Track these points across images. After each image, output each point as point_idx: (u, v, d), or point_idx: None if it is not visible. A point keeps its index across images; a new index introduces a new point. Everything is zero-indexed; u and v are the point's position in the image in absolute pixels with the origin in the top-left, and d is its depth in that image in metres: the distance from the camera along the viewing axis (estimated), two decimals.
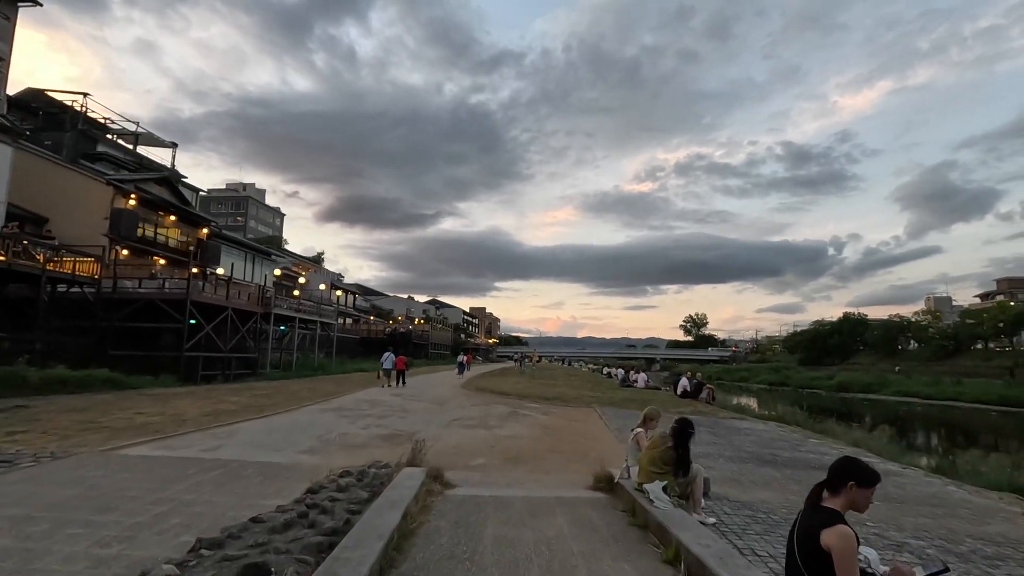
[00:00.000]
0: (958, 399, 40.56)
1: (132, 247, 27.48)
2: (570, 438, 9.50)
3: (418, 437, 9.08)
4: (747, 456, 8.40)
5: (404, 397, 16.38)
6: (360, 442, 8.50)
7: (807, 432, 13.02)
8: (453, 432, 9.82)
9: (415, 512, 4.37)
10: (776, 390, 56.67)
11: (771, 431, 12.29)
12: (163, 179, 32.69)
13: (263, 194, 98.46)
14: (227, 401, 13.23)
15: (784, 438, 11.15)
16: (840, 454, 9.52)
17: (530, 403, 15.25)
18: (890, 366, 66.19)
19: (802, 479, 6.93)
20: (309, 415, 11.65)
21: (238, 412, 11.35)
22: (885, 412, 34.56)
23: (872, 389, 49.27)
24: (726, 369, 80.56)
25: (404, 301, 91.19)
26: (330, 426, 10.02)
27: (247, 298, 25.53)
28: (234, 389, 17.50)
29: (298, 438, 8.59)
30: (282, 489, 5.39)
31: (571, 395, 17.61)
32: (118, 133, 39.85)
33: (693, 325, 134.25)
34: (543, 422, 11.63)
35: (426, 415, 12.32)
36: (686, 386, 17.71)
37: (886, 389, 48.06)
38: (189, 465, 6.29)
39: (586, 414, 13.00)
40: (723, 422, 13.13)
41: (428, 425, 10.59)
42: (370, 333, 55.44)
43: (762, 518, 4.93)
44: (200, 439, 8.14)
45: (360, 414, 11.97)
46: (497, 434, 9.70)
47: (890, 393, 46.64)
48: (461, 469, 6.63)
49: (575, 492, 5.62)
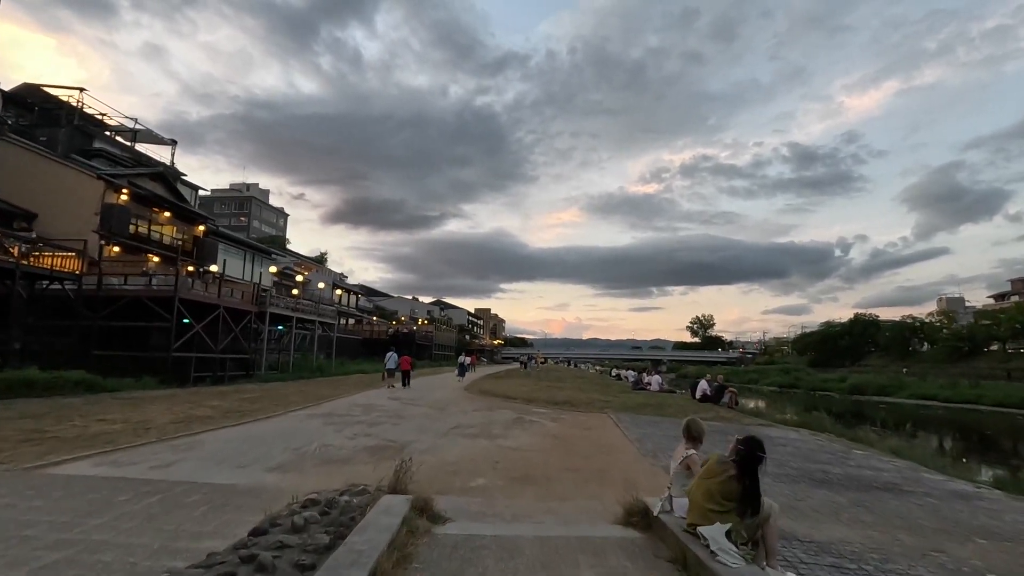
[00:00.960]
0: (977, 402, 39.24)
1: (124, 244, 26.48)
2: (585, 451, 8.29)
3: (411, 450, 7.92)
4: (795, 473, 7.17)
5: (402, 401, 15.22)
6: (342, 456, 7.32)
7: (843, 441, 11.77)
8: (451, 443, 8.63)
9: (387, 569, 3.19)
10: (787, 392, 55.24)
11: (806, 440, 11.04)
12: (157, 174, 31.70)
13: (267, 195, 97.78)
14: (206, 406, 12.10)
15: (825, 449, 9.90)
16: (894, 468, 8.29)
17: (537, 408, 14.05)
18: (902, 368, 64.70)
19: (872, 506, 5.70)
20: (293, 422, 10.50)
21: (214, 418, 10.22)
22: (906, 416, 33.13)
23: (887, 392, 47.88)
24: (735, 371, 79.04)
25: (408, 302, 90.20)
26: (313, 435, 8.85)
27: (241, 296, 24.45)
28: (220, 392, 16.39)
29: (272, 451, 7.42)
30: (227, 524, 4.23)
31: (581, 399, 16.40)
32: (116, 130, 38.98)
33: (700, 326, 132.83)
34: (553, 430, 10.43)
35: (423, 422, 11.14)
36: (706, 389, 16.40)
37: (902, 392, 46.76)
38: (124, 488, 5.14)
39: (600, 421, 11.78)
40: (750, 430, 11.86)
41: (424, 434, 9.41)
42: (373, 334, 54.37)
43: (852, 570, 3.73)
44: (155, 452, 7.00)
45: (350, 421, 10.81)
46: (501, 445, 8.51)
47: (906, 396, 45.22)
48: (457, 493, 5.45)
49: (601, 529, 4.42)
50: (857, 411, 33.81)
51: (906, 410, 37.09)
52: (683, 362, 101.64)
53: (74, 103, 34.80)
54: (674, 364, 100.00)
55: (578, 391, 20.01)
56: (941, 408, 38.24)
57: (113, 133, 38.57)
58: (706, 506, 3.55)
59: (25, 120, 32.66)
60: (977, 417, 33.25)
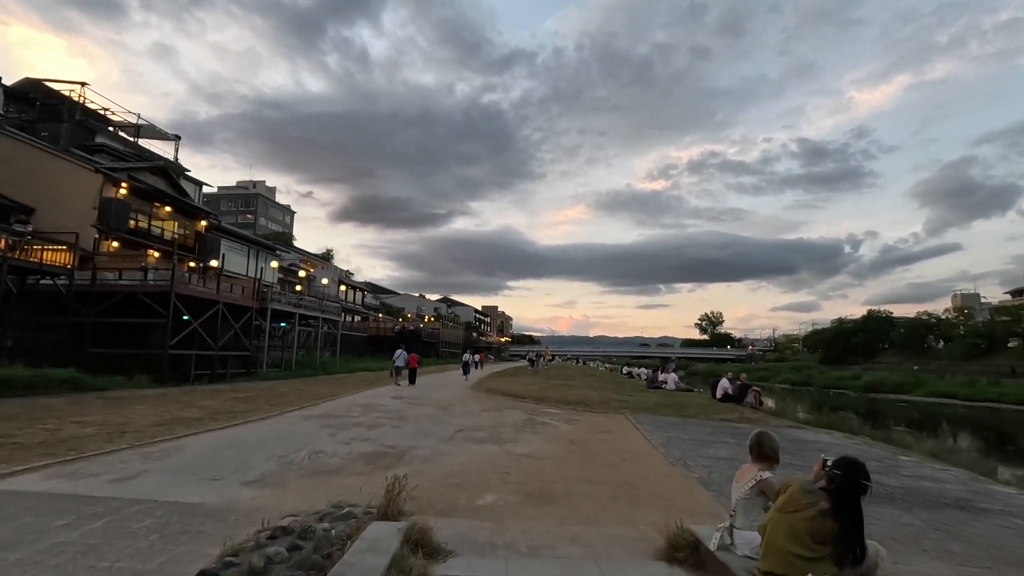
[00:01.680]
0: (999, 400, 38.00)
1: (123, 239, 25.90)
2: (607, 459, 7.42)
3: (411, 456, 7.09)
4: None
5: (405, 400, 14.42)
6: (334, 465, 6.50)
7: (881, 444, 10.83)
8: (456, 449, 7.79)
9: None
10: (800, 390, 54.08)
11: (843, 444, 10.12)
12: (158, 168, 31.11)
13: (273, 192, 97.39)
14: (197, 406, 11.35)
15: (867, 454, 8.96)
16: (955, 479, 7.35)
17: (549, 408, 13.19)
18: (918, 365, 63.33)
19: (955, 530, 4.80)
20: (286, 424, 9.71)
21: (201, 420, 9.45)
22: (929, 415, 32.02)
23: (904, 389, 46.62)
24: (745, 368, 77.80)
25: (415, 299, 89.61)
26: (304, 440, 8.05)
27: (241, 292, 23.74)
28: (214, 391, 15.67)
29: (255, 459, 6.62)
30: (176, 560, 3.41)
31: (594, 398, 15.52)
32: (119, 125, 38.48)
33: (709, 323, 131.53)
34: (568, 434, 9.57)
35: (426, 424, 10.32)
36: (727, 388, 15.42)
37: (919, 390, 45.54)
38: (68, 510, 4.33)
39: (617, 423, 10.90)
40: (780, 432, 10.93)
41: (426, 438, 8.58)
42: (379, 331, 53.73)
43: None
44: (123, 461, 6.21)
45: (348, 423, 10.00)
46: (512, 452, 7.66)
47: (924, 394, 44.00)
48: (462, 514, 4.61)
49: (640, 566, 3.55)
50: (876, 410, 32.67)
51: (926, 408, 35.86)
52: (692, 359, 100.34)
53: (76, 98, 34.31)
54: (683, 361, 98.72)
55: (590, 390, 19.12)
56: (961, 406, 37.03)
57: (116, 129, 38.05)
58: (790, 549, 2.67)
59: (27, 115, 32.15)
60: (1002, 416, 32.09)
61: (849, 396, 44.77)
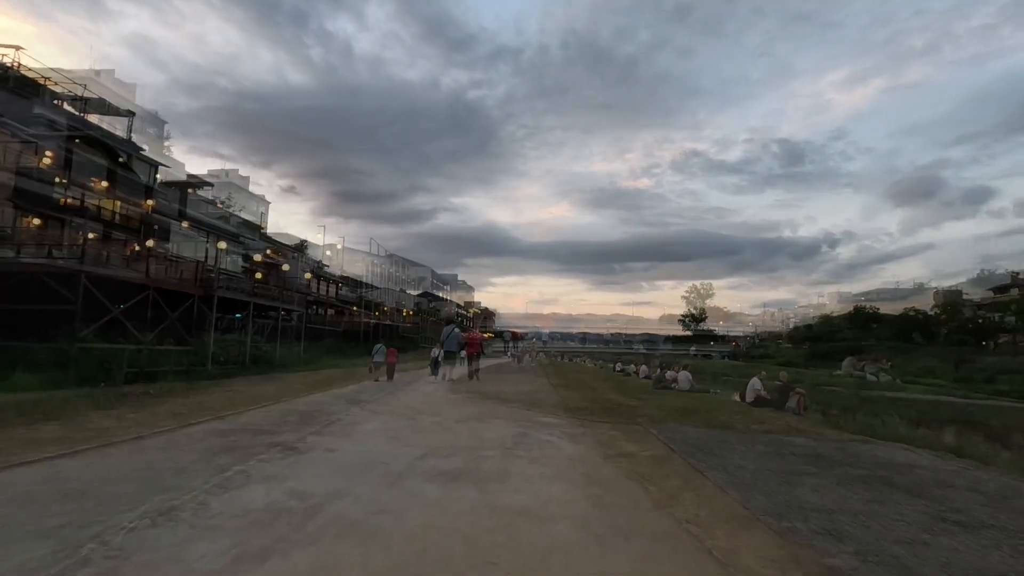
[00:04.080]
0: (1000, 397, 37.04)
1: (47, 216, 22.35)
2: (656, 524, 4.52)
3: (322, 522, 4.07)
4: None
5: (363, 406, 11.39)
6: (160, 557, 3.49)
7: (968, 460, 8.19)
8: (407, 500, 4.80)
9: None
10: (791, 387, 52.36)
11: (942, 467, 7.41)
12: (94, 140, 27.50)
13: (247, 181, 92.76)
14: (45, 424, 8.18)
15: (984, 484, 6.25)
16: None
17: (544, 416, 10.27)
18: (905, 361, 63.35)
19: None
20: (155, 453, 6.63)
21: (12, 450, 6.32)
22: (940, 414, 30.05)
23: (897, 387, 46.32)
24: (732, 365, 76.33)
25: (395, 293, 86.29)
26: (153, 486, 5.01)
27: (179, 276, 20.38)
28: (116, 395, 12.40)
29: (25, 536, 3.57)
30: None
31: (598, 402, 12.68)
32: (64, 98, 34.52)
33: (692, 320, 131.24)
34: (578, 460, 6.69)
35: (377, 444, 7.35)
36: (760, 390, 12.70)
37: (915, 387, 45.20)
38: None
39: (640, 440, 8.01)
40: (845, 447, 8.14)
41: (366, 475, 5.58)
42: (353, 325, 50.50)
43: None
44: None
45: (258, 446, 6.92)
46: (499, 505, 4.70)
47: (920, 391, 43.13)
48: None
49: None
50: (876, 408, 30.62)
51: (924, 406, 34.17)
52: (676, 356, 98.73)
53: (8, 63, 30.40)
54: (668, 357, 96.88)
55: (589, 390, 16.27)
56: (961, 404, 35.52)
57: (62, 103, 34.13)
58: None
59: None
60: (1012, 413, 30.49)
61: (843, 393, 43.20)
